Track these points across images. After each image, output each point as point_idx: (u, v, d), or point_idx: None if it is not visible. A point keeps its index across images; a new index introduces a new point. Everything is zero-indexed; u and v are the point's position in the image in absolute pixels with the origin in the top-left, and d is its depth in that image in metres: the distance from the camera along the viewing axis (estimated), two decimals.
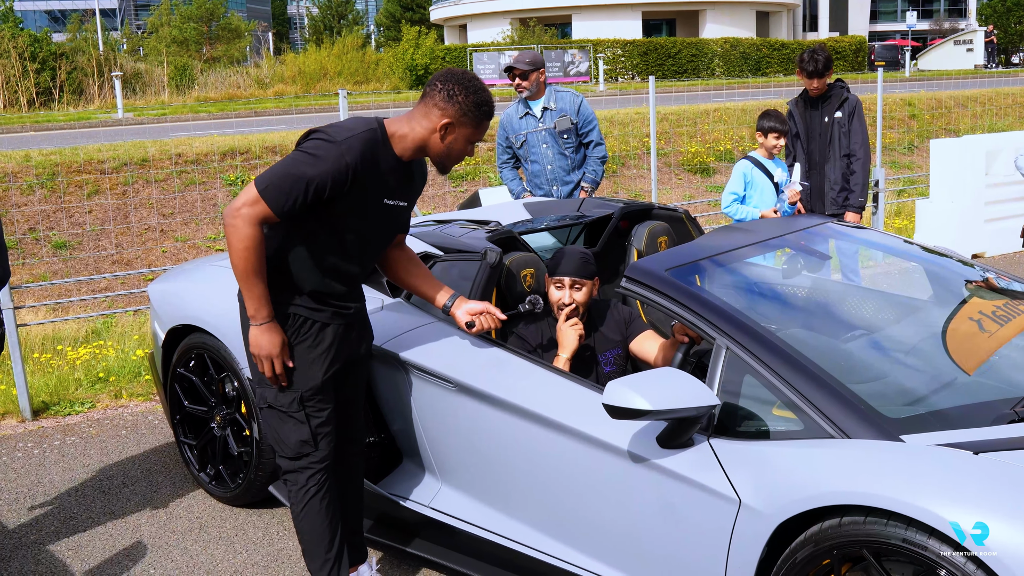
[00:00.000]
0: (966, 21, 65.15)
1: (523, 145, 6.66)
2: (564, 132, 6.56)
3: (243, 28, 50.40)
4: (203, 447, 4.80)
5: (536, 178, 6.70)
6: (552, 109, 6.59)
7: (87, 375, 6.80)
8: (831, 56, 6.60)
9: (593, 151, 6.69)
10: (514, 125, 6.69)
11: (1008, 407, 3.08)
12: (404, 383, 3.94)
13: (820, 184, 6.68)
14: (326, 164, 3.21)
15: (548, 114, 6.60)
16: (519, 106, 6.69)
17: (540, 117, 6.60)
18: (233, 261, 3.29)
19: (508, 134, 6.73)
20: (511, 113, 6.72)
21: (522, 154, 6.70)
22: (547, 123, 6.59)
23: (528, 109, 6.64)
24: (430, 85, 3.37)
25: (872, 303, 4.47)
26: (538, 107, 6.61)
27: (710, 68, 40.99)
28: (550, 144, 6.59)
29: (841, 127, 6.57)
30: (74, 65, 30.94)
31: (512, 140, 6.70)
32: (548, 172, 6.65)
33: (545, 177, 6.66)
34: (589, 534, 3.44)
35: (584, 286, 4.00)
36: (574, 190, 6.67)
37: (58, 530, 4.59)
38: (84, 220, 12.60)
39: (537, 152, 6.63)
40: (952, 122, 19.39)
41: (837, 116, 6.57)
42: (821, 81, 6.57)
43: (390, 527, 4.05)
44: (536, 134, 6.61)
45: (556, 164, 6.63)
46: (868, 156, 6.58)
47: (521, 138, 6.65)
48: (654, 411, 2.95)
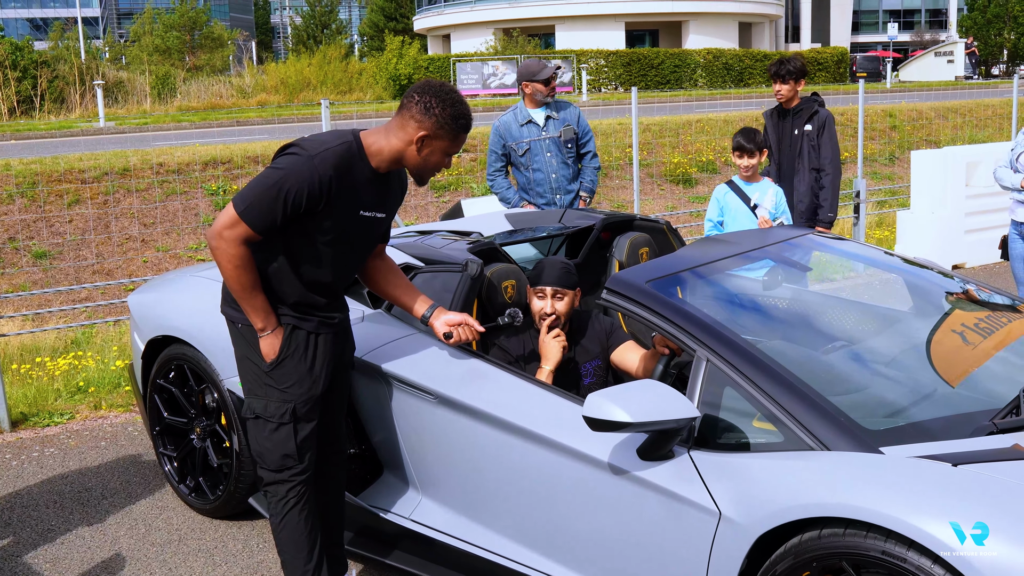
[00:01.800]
0: (947, 33, 65.69)
1: (525, 153, 6.61)
2: (568, 142, 6.59)
3: (226, 37, 50.30)
4: (183, 459, 4.77)
5: (538, 186, 6.63)
6: (555, 118, 6.60)
7: (66, 386, 6.75)
8: (805, 67, 6.57)
9: (591, 161, 6.76)
10: (514, 133, 6.63)
11: (987, 419, 3.09)
12: (385, 395, 3.93)
13: (789, 197, 6.67)
14: (301, 178, 3.21)
15: (552, 123, 6.60)
16: (519, 113, 6.66)
17: (544, 126, 6.59)
18: (227, 282, 3.35)
19: (507, 141, 6.65)
20: (509, 121, 6.67)
21: (523, 162, 6.64)
22: (551, 132, 6.59)
23: (530, 117, 6.61)
24: (407, 97, 3.36)
25: (852, 315, 4.48)
26: (540, 116, 6.60)
27: (693, 79, 41.17)
28: (554, 153, 6.58)
29: (810, 140, 6.53)
30: (55, 73, 30.84)
31: (512, 148, 6.63)
32: (552, 181, 6.61)
33: (548, 185, 6.62)
34: (569, 546, 3.44)
35: (566, 296, 4.00)
36: (574, 199, 6.68)
37: (36, 542, 4.55)
38: (64, 230, 12.53)
39: (541, 160, 6.59)
40: (932, 133, 19.51)
41: (807, 129, 6.53)
42: (788, 88, 6.53)
43: (371, 539, 4.03)
44: (540, 142, 6.59)
45: (560, 173, 6.61)
46: (837, 171, 6.52)
47: (524, 146, 6.59)
48: (634, 423, 2.95)
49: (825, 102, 6.71)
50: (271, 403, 3.47)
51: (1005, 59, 58.72)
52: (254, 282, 3.35)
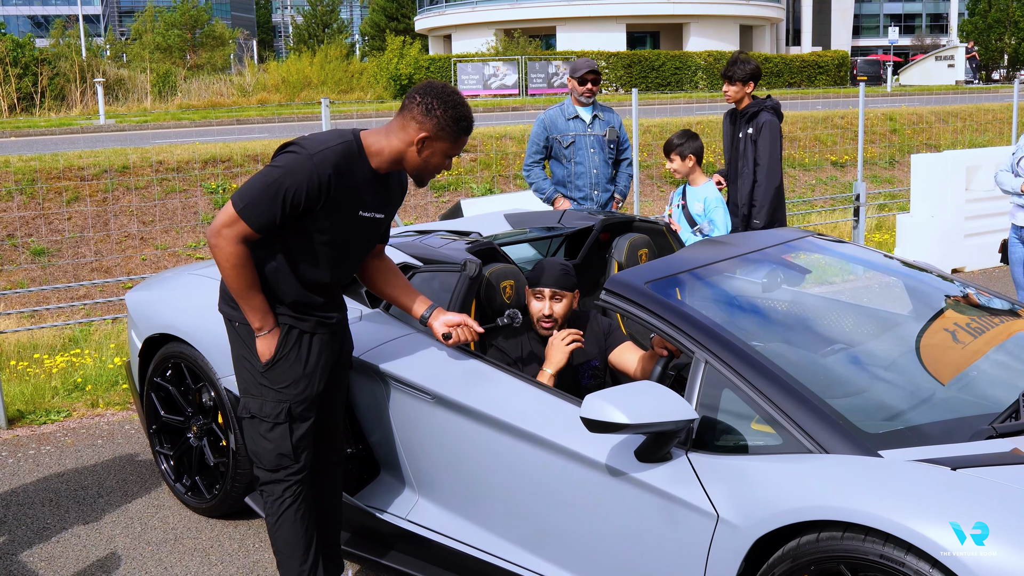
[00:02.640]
0: (947, 37, 65.73)
1: (570, 146, 6.71)
2: (611, 142, 6.76)
3: (227, 36, 50.31)
4: (179, 457, 4.76)
5: (578, 179, 6.73)
6: (601, 119, 6.77)
7: (63, 384, 6.74)
8: (758, 70, 6.52)
9: (627, 168, 6.95)
10: (559, 126, 6.75)
11: (986, 423, 3.08)
12: (382, 394, 3.92)
13: (734, 198, 6.69)
14: (300, 177, 3.20)
15: (598, 122, 6.76)
16: (566, 108, 6.80)
17: (590, 123, 6.73)
18: (226, 280, 3.35)
19: (552, 133, 6.75)
20: (555, 114, 6.80)
21: (566, 154, 6.73)
22: (597, 130, 6.73)
23: (577, 113, 6.76)
24: (409, 98, 3.35)
25: (852, 318, 4.47)
26: (587, 113, 6.75)
27: (693, 81, 41.16)
28: (597, 150, 6.71)
29: (751, 144, 6.53)
30: (56, 71, 30.83)
31: (556, 139, 6.73)
32: (593, 176, 6.72)
33: (589, 180, 6.71)
34: (566, 548, 3.42)
35: (564, 298, 3.98)
36: (609, 200, 6.81)
37: (31, 540, 4.54)
38: (63, 227, 12.52)
39: (584, 154, 6.71)
40: (933, 137, 19.51)
41: (749, 132, 6.52)
42: (735, 89, 6.50)
43: (367, 539, 4.02)
44: (585, 138, 6.71)
45: (601, 170, 6.73)
46: (772, 176, 6.43)
47: (569, 139, 6.70)
48: (632, 425, 2.93)
49: (779, 105, 6.63)
50: (267, 403, 3.46)
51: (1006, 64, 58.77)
52: (252, 281, 3.34)
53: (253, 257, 3.33)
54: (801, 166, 17.56)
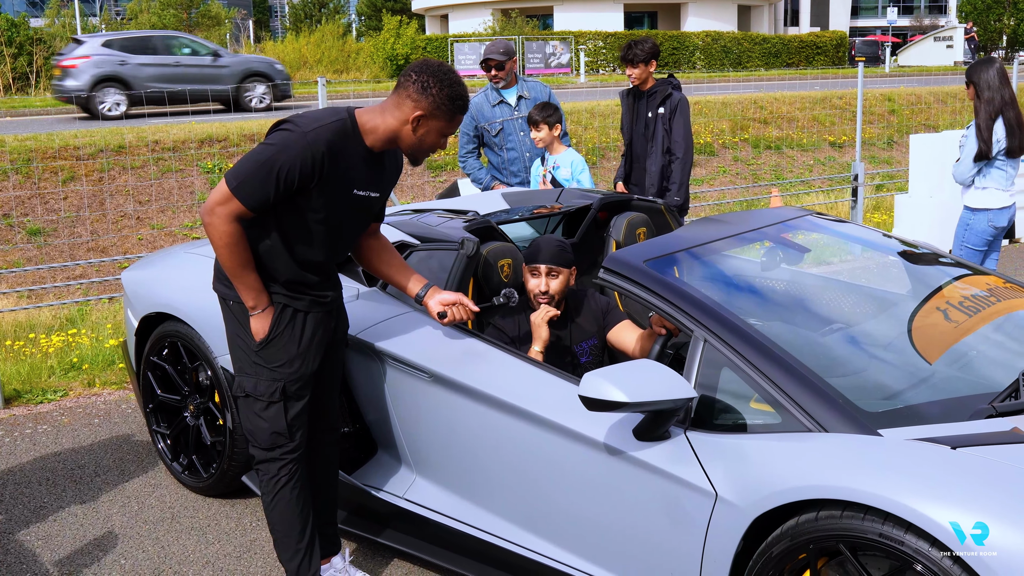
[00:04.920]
0: (946, 18, 65.54)
1: (499, 133, 6.66)
2: None
3: (223, 16, 50.01)
4: (176, 436, 4.75)
5: (512, 165, 6.70)
6: (527, 98, 6.66)
7: (60, 363, 6.72)
8: (656, 49, 6.54)
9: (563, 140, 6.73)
10: (486, 113, 6.68)
11: (986, 402, 3.07)
12: (379, 373, 3.91)
13: (641, 179, 6.67)
14: (293, 155, 3.17)
15: (524, 103, 6.66)
16: (490, 94, 6.70)
17: (516, 105, 6.65)
18: (220, 259, 3.32)
19: (479, 122, 6.69)
20: (480, 102, 6.70)
21: (496, 142, 6.69)
22: (523, 111, 6.63)
23: (501, 98, 6.67)
24: (404, 76, 3.32)
25: (850, 297, 4.46)
26: (512, 96, 6.67)
27: (691, 61, 41.04)
28: (527, 132, 6.60)
29: (664, 123, 6.51)
30: (52, 50, 30.65)
31: (485, 128, 6.68)
32: (526, 159, 6.68)
33: (523, 164, 6.69)
34: (563, 526, 3.42)
35: (560, 274, 3.97)
36: None
37: (28, 519, 4.53)
38: (59, 207, 12.48)
39: (514, 139, 6.65)
40: (931, 118, 19.47)
41: (660, 112, 6.52)
42: (639, 71, 6.50)
43: (364, 518, 4.02)
44: (513, 122, 6.64)
45: (534, 152, 6.64)
46: (688, 155, 6.49)
47: (497, 126, 6.64)
48: (631, 403, 2.92)
49: (681, 85, 6.69)
50: (261, 381, 3.45)
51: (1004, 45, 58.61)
52: (246, 260, 3.31)
53: (247, 236, 3.31)
54: (799, 146, 17.53)
